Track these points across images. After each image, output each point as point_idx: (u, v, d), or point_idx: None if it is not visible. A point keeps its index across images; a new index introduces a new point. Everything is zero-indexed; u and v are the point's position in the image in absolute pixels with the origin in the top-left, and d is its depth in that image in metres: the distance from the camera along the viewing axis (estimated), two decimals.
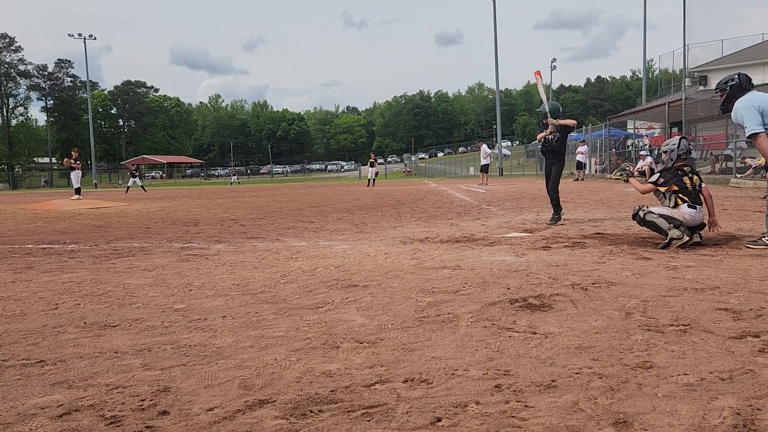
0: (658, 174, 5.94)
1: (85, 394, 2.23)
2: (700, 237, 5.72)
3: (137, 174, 35.11)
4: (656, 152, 27.26)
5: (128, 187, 32.89)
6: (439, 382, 2.26)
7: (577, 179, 26.50)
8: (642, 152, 23.98)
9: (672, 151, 5.87)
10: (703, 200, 5.79)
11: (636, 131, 34.86)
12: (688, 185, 5.74)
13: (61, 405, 2.13)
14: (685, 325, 2.91)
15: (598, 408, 1.97)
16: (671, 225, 5.57)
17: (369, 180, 31.92)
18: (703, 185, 5.83)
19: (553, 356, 2.52)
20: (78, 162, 22.62)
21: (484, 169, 26.47)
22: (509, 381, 2.24)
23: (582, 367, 2.36)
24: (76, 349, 2.82)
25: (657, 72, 56.78)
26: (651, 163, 21.58)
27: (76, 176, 22.36)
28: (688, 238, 5.54)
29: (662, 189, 5.85)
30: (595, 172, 31.36)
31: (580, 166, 27.78)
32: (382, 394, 2.15)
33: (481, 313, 3.30)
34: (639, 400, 2.02)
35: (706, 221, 5.80)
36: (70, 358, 2.69)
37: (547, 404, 2.02)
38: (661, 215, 5.68)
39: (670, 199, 5.80)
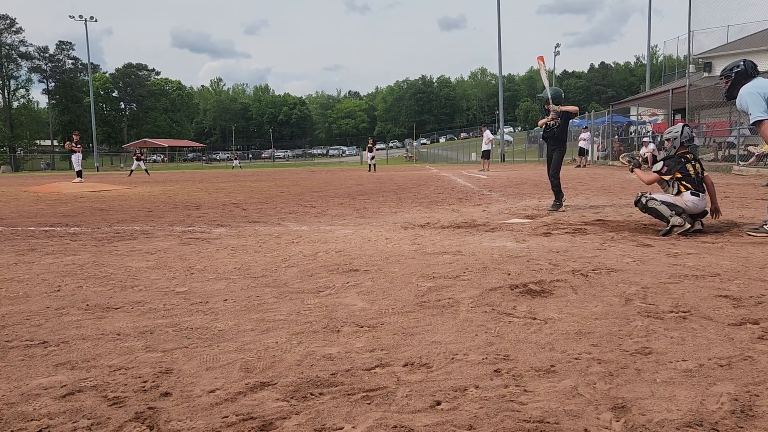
0: (662, 163, 5.93)
1: (87, 375, 2.25)
2: (702, 225, 5.72)
3: (142, 157, 35.11)
4: (659, 139, 27.19)
5: (132, 170, 32.95)
6: (439, 366, 2.28)
7: (579, 165, 26.43)
8: (645, 139, 23.91)
9: (675, 138, 5.85)
10: (705, 188, 5.79)
11: (639, 118, 34.70)
12: (692, 172, 5.74)
13: (64, 386, 2.15)
14: (684, 312, 2.93)
15: (597, 393, 1.99)
16: (673, 212, 5.57)
17: (369, 165, 31.82)
18: (705, 173, 5.82)
19: (552, 341, 2.53)
20: (79, 145, 22.60)
21: (486, 155, 26.34)
22: (509, 366, 2.26)
23: (581, 353, 2.38)
24: (78, 331, 2.84)
25: (661, 58, 56.37)
26: (653, 149, 21.51)
27: (77, 159, 22.35)
28: (689, 226, 5.54)
29: (666, 177, 5.85)
30: (597, 158, 31.27)
31: (583, 152, 27.70)
32: (382, 378, 2.17)
33: (482, 298, 3.32)
34: (638, 386, 2.04)
35: (708, 209, 5.80)
36: (73, 339, 2.71)
37: (546, 389, 2.03)
38: (663, 202, 5.67)
39: (673, 186, 5.81)
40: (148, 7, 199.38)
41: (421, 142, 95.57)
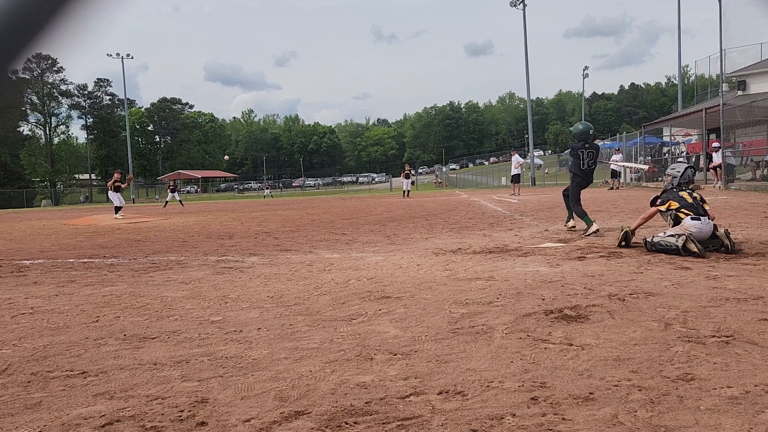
0: (657, 197, 6.20)
1: (126, 405, 2.28)
2: (731, 244, 5.53)
3: (176, 189, 36.02)
4: (692, 159, 26.70)
5: (167, 202, 33.76)
6: (474, 394, 2.25)
7: (612, 188, 26.05)
8: (679, 159, 23.50)
9: (675, 177, 6.01)
10: (707, 212, 5.77)
11: (672, 138, 34.18)
12: (688, 199, 5.84)
13: (103, 415, 2.18)
14: (727, 337, 2.84)
15: (638, 421, 1.93)
16: (681, 237, 5.52)
17: (404, 191, 31.83)
18: (707, 207, 5.81)
19: (590, 368, 2.47)
20: (124, 184, 23.31)
21: (516, 179, 26.16)
22: (546, 393, 2.21)
23: (621, 380, 2.32)
24: (116, 361, 2.89)
25: (693, 78, 55.70)
26: None
27: (116, 196, 22.94)
28: (701, 248, 5.41)
29: (662, 208, 6.02)
30: (630, 180, 30.81)
31: (615, 174, 27.32)
32: (416, 406, 2.15)
33: (516, 324, 3.27)
34: (680, 413, 1.98)
35: (718, 233, 5.70)
36: (111, 369, 2.75)
37: (585, 417, 1.98)
38: (667, 235, 5.69)
39: (671, 217, 5.88)
40: (182, 43, 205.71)
41: (451, 167, 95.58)
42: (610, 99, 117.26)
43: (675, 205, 5.85)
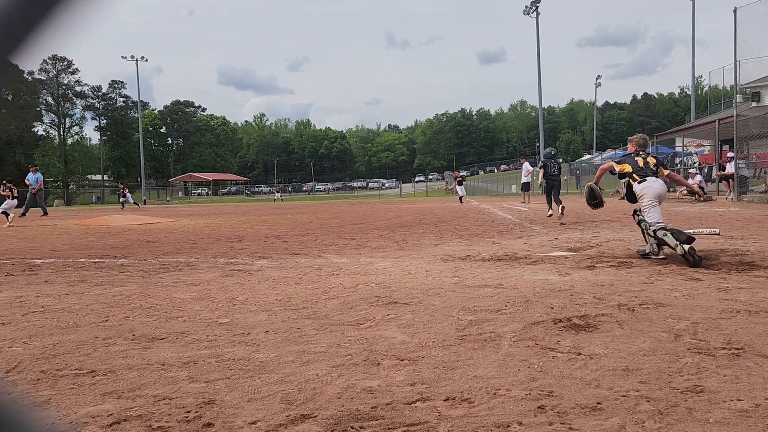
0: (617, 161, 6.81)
1: (133, 405, 2.29)
2: (693, 257, 5.53)
3: (125, 193, 37.02)
4: (705, 170, 26.51)
5: (123, 204, 34.94)
6: (481, 401, 2.24)
7: (623, 198, 25.86)
8: (691, 170, 23.34)
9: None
10: (656, 174, 6.29)
11: (685, 149, 33.97)
12: (640, 162, 6.34)
13: (110, 414, 2.20)
14: (738, 349, 2.81)
15: None
16: (677, 241, 5.67)
17: (460, 197, 31.60)
18: (663, 170, 6.40)
19: (598, 378, 2.46)
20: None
21: (525, 187, 26.06)
22: (553, 402, 2.20)
23: (629, 390, 2.30)
24: (125, 361, 2.90)
25: (706, 88, 55.34)
26: (700, 181, 20.97)
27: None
28: (662, 256, 6.02)
29: (618, 168, 6.53)
30: None
31: None
32: (423, 412, 2.14)
33: (524, 332, 3.26)
34: (689, 425, 1.96)
35: (683, 194, 6.63)
36: (120, 369, 2.77)
37: (592, 427, 1.97)
38: (666, 233, 5.87)
39: (625, 185, 6.52)
40: (196, 46, 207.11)
41: (462, 174, 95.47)
42: (622, 108, 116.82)
43: (628, 169, 6.37)
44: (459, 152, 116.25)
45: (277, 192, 61.63)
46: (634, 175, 6.25)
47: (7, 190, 17.83)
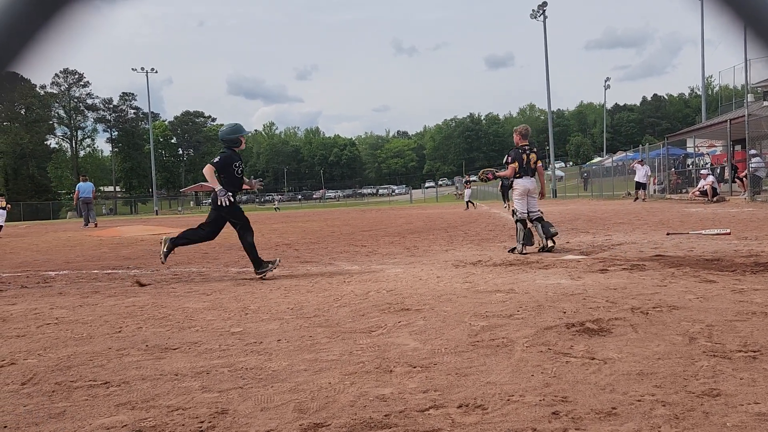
0: (507, 155, 8.13)
1: (147, 415, 2.30)
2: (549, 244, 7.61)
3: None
4: (717, 171, 26.26)
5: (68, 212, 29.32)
6: (495, 407, 2.22)
7: (637, 199, 25.68)
8: (703, 171, 23.13)
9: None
10: (534, 173, 7.86)
11: (696, 150, 33.70)
12: (525, 162, 7.79)
13: (125, 425, 2.20)
14: (754, 351, 2.78)
15: None
16: (521, 241, 7.58)
17: (467, 202, 31.35)
18: (538, 163, 7.85)
19: (613, 383, 2.44)
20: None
21: None
22: (567, 408, 2.19)
23: (644, 395, 2.28)
24: (138, 371, 2.91)
25: (717, 88, 54.96)
26: (713, 182, 20.79)
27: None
28: (526, 252, 7.52)
29: (514, 165, 7.82)
30: (654, 192, 30.41)
31: (640, 186, 26.92)
32: (436, 420, 2.13)
33: (537, 337, 3.24)
34: (706, 430, 1.94)
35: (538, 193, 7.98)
36: (133, 379, 2.78)
37: None
38: (519, 220, 7.81)
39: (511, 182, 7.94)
40: (206, 57, 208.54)
41: (471, 179, 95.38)
42: (632, 110, 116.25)
43: (516, 165, 7.83)
44: (468, 157, 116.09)
45: (276, 201, 61.05)
46: (519, 172, 7.82)
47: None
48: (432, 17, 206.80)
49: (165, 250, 6.43)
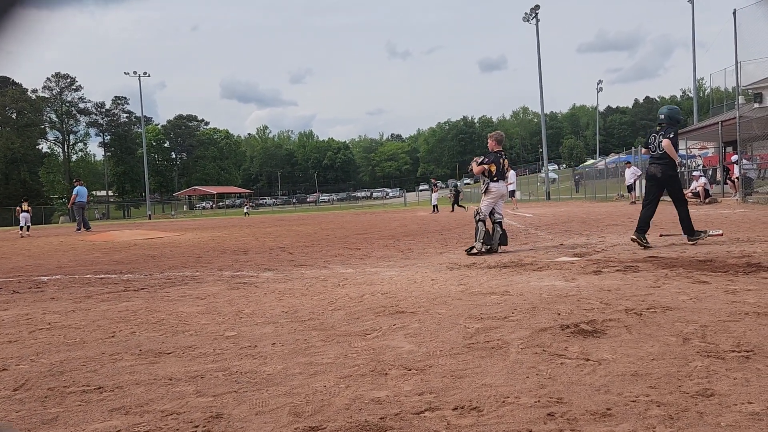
0: (485, 156, 8.30)
1: (141, 420, 2.29)
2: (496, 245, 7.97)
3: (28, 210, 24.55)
4: (710, 172, 26.42)
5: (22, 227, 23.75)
6: (490, 410, 2.22)
7: (633, 202, 25.77)
8: (695, 173, 23.26)
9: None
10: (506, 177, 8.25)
11: (688, 151, 33.88)
12: (501, 166, 8.09)
13: (119, 431, 2.19)
14: (747, 351, 2.79)
15: None
16: (481, 239, 7.86)
17: (434, 206, 31.56)
18: (509, 169, 8.29)
19: (607, 383, 2.44)
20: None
21: (511, 194, 26.33)
22: (562, 409, 2.19)
23: (639, 395, 2.29)
24: (132, 376, 2.90)
25: (708, 91, 55.30)
26: (705, 183, 20.90)
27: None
28: (484, 251, 7.84)
29: (486, 166, 8.07)
30: (642, 193, 30.46)
31: (632, 188, 27.03)
32: (432, 422, 2.13)
33: (532, 339, 3.24)
34: (700, 430, 1.94)
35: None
36: (127, 384, 2.77)
37: None
38: (481, 220, 8.04)
39: (483, 183, 8.21)
40: (199, 61, 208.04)
41: (464, 182, 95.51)
42: (624, 113, 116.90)
43: (494, 168, 8.06)
44: (462, 160, 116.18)
45: (246, 205, 57.96)
46: (494, 175, 8.05)
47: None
48: (426, 21, 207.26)
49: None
